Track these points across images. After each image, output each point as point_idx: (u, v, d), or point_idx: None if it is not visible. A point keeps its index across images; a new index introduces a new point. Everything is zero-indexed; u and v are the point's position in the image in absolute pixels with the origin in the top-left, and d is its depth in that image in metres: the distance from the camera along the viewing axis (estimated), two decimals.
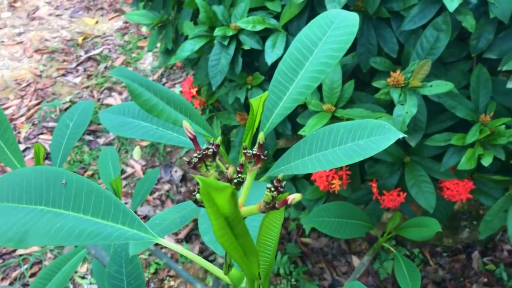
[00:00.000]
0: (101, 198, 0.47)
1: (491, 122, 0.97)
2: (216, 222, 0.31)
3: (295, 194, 0.33)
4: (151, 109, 0.59)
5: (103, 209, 0.47)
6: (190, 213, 0.68)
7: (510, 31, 0.97)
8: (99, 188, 0.48)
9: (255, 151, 0.37)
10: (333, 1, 0.95)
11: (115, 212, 0.47)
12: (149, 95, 0.59)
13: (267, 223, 0.37)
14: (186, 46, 1.16)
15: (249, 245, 0.34)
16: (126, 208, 0.47)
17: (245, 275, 0.39)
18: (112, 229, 0.46)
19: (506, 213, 1.04)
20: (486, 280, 1.80)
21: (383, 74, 1.04)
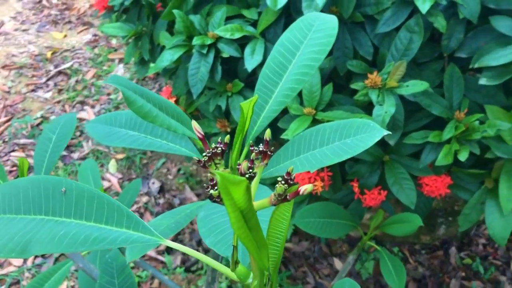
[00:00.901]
0: (104, 204, 0.48)
1: (465, 119, 1.01)
2: (233, 215, 0.32)
3: (307, 185, 0.34)
4: (146, 115, 0.60)
5: (106, 215, 0.47)
6: (184, 218, 0.69)
7: (478, 30, 1.02)
8: (100, 194, 0.48)
9: (262, 148, 0.38)
10: (310, 7, 0.97)
11: (118, 217, 0.47)
12: (143, 102, 0.60)
13: (277, 216, 0.38)
14: (165, 56, 1.17)
15: (261, 238, 0.36)
16: (130, 212, 0.47)
17: (257, 267, 0.40)
18: (117, 233, 0.46)
19: (483, 205, 1.08)
20: (464, 274, 1.85)
21: (360, 77, 1.07)
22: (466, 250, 1.93)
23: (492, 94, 1.06)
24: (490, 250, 1.93)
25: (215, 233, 0.52)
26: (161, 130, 0.76)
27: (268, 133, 0.39)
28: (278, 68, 0.73)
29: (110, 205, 0.48)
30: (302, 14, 1.04)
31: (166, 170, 2.21)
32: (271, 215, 0.38)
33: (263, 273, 0.40)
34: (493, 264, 1.88)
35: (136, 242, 0.46)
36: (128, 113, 0.78)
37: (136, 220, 0.47)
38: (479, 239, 1.96)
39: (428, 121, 1.08)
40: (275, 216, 0.38)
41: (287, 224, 0.38)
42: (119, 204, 0.48)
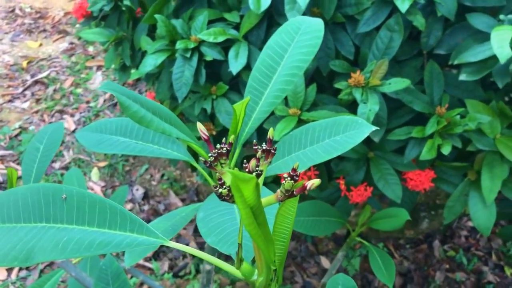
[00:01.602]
0: (106, 209, 0.48)
1: (446, 113, 1.04)
2: (244, 211, 0.33)
3: (314, 180, 0.35)
4: (141, 120, 0.60)
5: (109, 219, 0.48)
6: (180, 221, 0.69)
7: (456, 27, 1.05)
8: (102, 199, 0.48)
9: (265, 146, 0.39)
10: (292, 10, 0.99)
11: (121, 221, 0.47)
12: (137, 107, 0.61)
13: (283, 212, 0.39)
14: (148, 61, 1.17)
15: (268, 233, 0.37)
16: (133, 215, 0.48)
17: (265, 263, 0.41)
18: (122, 237, 0.47)
19: (467, 197, 1.11)
20: (448, 266, 1.89)
21: (343, 76, 1.10)
22: (449, 242, 1.97)
23: (471, 89, 1.10)
24: (472, 241, 1.98)
25: (215, 232, 0.53)
26: (152, 135, 0.76)
27: (271, 132, 0.40)
28: (267, 70, 0.74)
29: (113, 210, 0.48)
30: (285, 16, 1.05)
31: (150, 176, 2.21)
32: (277, 211, 0.39)
33: (270, 268, 0.41)
34: (476, 255, 1.93)
35: (142, 245, 0.46)
36: (118, 120, 0.78)
37: (140, 223, 0.47)
38: (461, 231, 2.00)
39: (410, 117, 1.11)
40: (281, 212, 0.39)
41: (293, 219, 0.40)
42: (122, 208, 0.48)
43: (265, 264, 0.41)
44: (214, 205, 0.60)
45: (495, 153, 1.05)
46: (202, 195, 2.13)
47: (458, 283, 1.84)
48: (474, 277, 1.86)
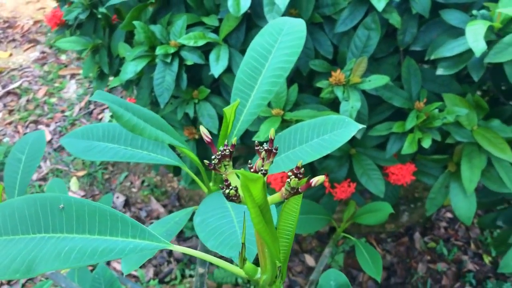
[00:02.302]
0: (106, 216, 0.48)
1: (425, 108, 1.06)
2: (253, 210, 0.34)
3: (319, 176, 0.36)
4: (134, 128, 0.60)
5: (110, 226, 0.48)
6: (175, 226, 0.70)
7: (430, 24, 1.08)
8: (101, 206, 0.48)
9: (267, 146, 0.40)
10: (272, 11, 1.00)
11: (123, 227, 0.48)
12: (129, 116, 0.61)
13: (287, 210, 0.40)
14: (129, 68, 1.17)
15: (273, 231, 0.38)
16: (134, 221, 0.48)
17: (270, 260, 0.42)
18: (124, 243, 0.47)
19: (448, 188, 1.14)
20: (429, 257, 1.94)
21: (323, 75, 1.11)
22: (429, 234, 2.01)
23: (447, 83, 1.13)
24: (451, 232, 2.02)
25: (215, 235, 0.54)
26: (141, 140, 0.76)
27: (273, 132, 0.41)
28: (252, 72, 0.75)
29: (113, 216, 0.48)
30: (264, 18, 1.07)
31: (130, 183, 2.19)
32: (281, 208, 0.40)
33: (275, 265, 0.42)
34: (455, 245, 1.97)
35: (145, 250, 0.46)
36: (105, 125, 0.78)
37: (142, 228, 0.48)
38: (441, 222, 2.05)
39: (390, 113, 1.14)
40: (285, 210, 0.40)
41: (297, 216, 0.41)
42: (122, 214, 0.49)
43: (270, 262, 0.42)
44: (209, 209, 0.60)
45: (473, 144, 1.08)
46: (184, 200, 2.13)
47: (440, 273, 1.88)
48: (454, 267, 1.91)
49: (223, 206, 0.60)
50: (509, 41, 0.90)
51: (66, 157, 2.29)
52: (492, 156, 1.08)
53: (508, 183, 1.08)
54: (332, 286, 0.72)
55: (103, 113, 2.44)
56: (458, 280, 1.86)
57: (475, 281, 1.85)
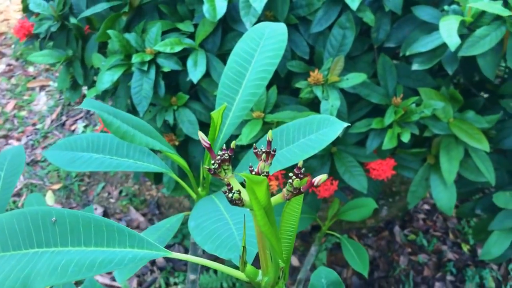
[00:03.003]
0: (102, 227, 0.48)
1: (402, 103, 1.09)
2: (259, 212, 0.34)
3: (321, 175, 0.37)
4: (124, 135, 0.60)
5: (107, 237, 0.47)
6: (166, 233, 0.69)
7: (402, 20, 1.10)
8: (96, 217, 0.48)
9: (265, 148, 0.41)
10: (248, 14, 1.01)
11: (120, 237, 0.47)
12: (119, 123, 0.60)
13: (289, 210, 0.41)
14: (105, 78, 1.16)
15: (277, 232, 0.38)
16: (131, 231, 0.47)
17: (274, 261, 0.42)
18: (123, 253, 0.47)
19: (428, 181, 1.17)
20: (410, 249, 1.97)
21: (301, 76, 1.12)
22: (408, 227, 2.05)
23: (422, 78, 1.15)
24: (430, 223, 2.07)
25: (212, 239, 0.54)
26: (126, 149, 0.76)
27: (270, 134, 0.41)
28: (236, 77, 0.76)
29: (109, 227, 0.48)
30: (240, 22, 1.07)
31: (107, 194, 2.16)
32: (283, 209, 0.41)
33: (278, 266, 0.43)
34: (434, 236, 2.02)
35: (145, 258, 0.46)
36: (88, 136, 0.77)
37: (139, 237, 0.47)
38: (419, 214, 2.09)
39: (368, 110, 1.15)
40: (287, 210, 0.41)
41: (298, 216, 0.41)
42: (118, 224, 0.48)
43: (273, 263, 0.42)
44: (203, 213, 0.60)
45: (450, 136, 1.11)
46: (164, 207, 2.11)
47: (421, 264, 1.92)
48: (435, 257, 1.95)
49: (217, 210, 0.60)
50: (480, 34, 0.92)
51: (40, 170, 2.24)
52: (469, 146, 1.11)
53: (485, 172, 1.11)
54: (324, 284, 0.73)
55: (76, 124, 2.40)
56: (439, 270, 1.90)
57: (455, 270, 1.89)
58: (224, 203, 0.63)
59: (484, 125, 1.11)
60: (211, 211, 0.60)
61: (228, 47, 1.15)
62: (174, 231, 0.70)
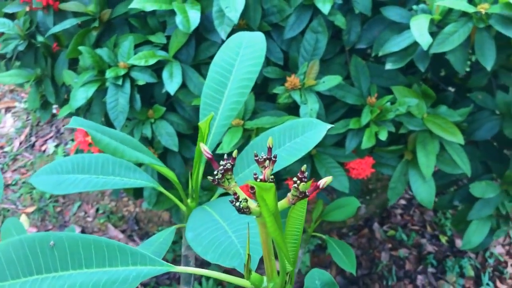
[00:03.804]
0: (102, 247, 0.47)
1: (377, 102, 1.11)
2: (269, 219, 0.35)
3: (326, 178, 0.38)
4: (115, 151, 0.60)
5: (108, 257, 0.47)
6: (161, 247, 0.69)
7: (372, 21, 1.13)
8: (96, 238, 0.47)
9: (265, 156, 0.41)
10: (222, 24, 1.01)
11: (122, 255, 0.47)
12: (108, 139, 0.60)
13: (294, 215, 0.41)
14: (79, 94, 1.14)
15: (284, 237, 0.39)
16: (132, 248, 0.47)
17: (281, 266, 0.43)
18: (126, 272, 0.46)
19: (406, 176, 1.20)
20: (391, 245, 2.01)
21: (276, 81, 1.14)
22: (387, 223, 2.09)
23: (393, 77, 1.18)
24: (407, 218, 2.11)
25: (213, 248, 0.54)
26: (111, 167, 0.75)
27: (271, 140, 0.42)
28: (218, 86, 0.76)
29: (110, 246, 0.47)
30: (214, 31, 1.08)
31: (84, 213, 2.12)
32: (288, 214, 0.41)
33: (285, 271, 0.43)
34: (413, 230, 2.06)
35: (149, 275, 0.46)
36: (73, 158, 0.76)
37: (141, 254, 0.47)
38: (396, 210, 2.13)
39: (344, 111, 1.17)
40: (292, 215, 0.41)
41: (303, 220, 0.42)
42: (118, 243, 0.48)
43: (281, 268, 0.43)
44: (199, 223, 0.60)
45: (425, 131, 1.14)
46: (143, 222, 2.09)
47: (402, 259, 1.95)
48: (415, 251, 1.99)
49: (213, 219, 0.60)
50: (449, 31, 0.95)
51: (12, 194, 2.19)
52: (444, 140, 1.14)
53: (461, 164, 1.15)
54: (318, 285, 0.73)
55: (46, 144, 2.35)
56: (420, 263, 1.94)
57: (436, 262, 1.93)
58: (218, 212, 0.63)
59: (456, 119, 1.14)
60: (207, 221, 0.60)
61: (202, 57, 1.16)
62: (168, 244, 0.69)
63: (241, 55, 0.77)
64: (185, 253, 0.84)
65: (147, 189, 1.31)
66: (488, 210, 1.23)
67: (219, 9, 1.02)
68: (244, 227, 0.56)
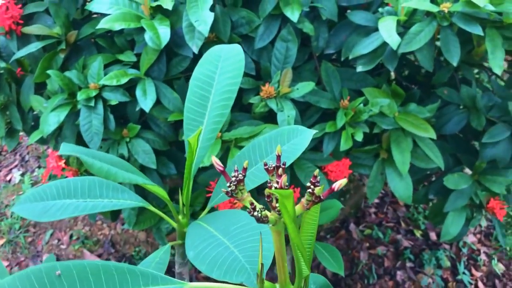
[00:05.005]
0: (112, 271, 0.46)
1: (350, 105, 1.13)
2: (291, 226, 0.35)
3: (341, 180, 0.38)
4: (107, 174, 0.59)
5: (119, 281, 0.46)
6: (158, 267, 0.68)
7: (338, 26, 1.15)
8: (104, 263, 0.47)
9: (275, 164, 0.42)
10: (193, 38, 1.02)
11: (132, 278, 0.46)
12: (100, 163, 0.59)
13: (308, 220, 0.42)
14: (50, 119, 1.12)
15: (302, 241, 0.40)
16: (142, 269, 0.46)
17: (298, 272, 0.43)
18: None
19: (383, 175, 1.22)
20: (368, 244, 2.04)
21: (250, 91, 1.14)
22: (363, 222, 2.12)
23: (363, 79, 1.21)
24: (382, 215, 2.15)
25: (217, 265, 0.53)
26: (99, 189, 0.74)
27: (279, 148, 0.43)
28: (200, 100, 0.76)
29: (119, 269, 0.47)
30: (184, 46, 1.08)
31: (57, 241, 2.06)
32: (302, 219, 0.42)
33: (301, 276, 0.44)
34: (388, 227, 2.10)
35: None
36: (57, 183, 0.74)
37: (153, 274, 0.47)
38: (370, 209, 2.17)
39: (318, 116, 1.19)
40: (306, 220, 0.42)
41: (316, 225, 0.42)
42: (127, 265, 0.47)
43: (298, 274, 0.43)
44: (198, 241, 0.60)
45: (398, 129, 1.17)
46: (119, 245, 2.05)
47: (381, 256, 1.99)
48: (392, 247, 2.03)
49: (212, 235, 0.60)
50: (415, 30, 0.99)
51: None
52: (416, 136, 1.17)
53: (434, 158, 1.18)
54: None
55: (11, 173, 2.27)
56: (398, 259, 1.98)
57: (413, 256, 1.98)
58: (215, 227, 0.63)
59: (426, 115, 1.18)
60: (207, 237, 0.59)
61: (174, 72, 1.15)
62: (165, 263, 0.68)
63: (220, 68, 0.78)
64: (179, 271, 0.83)
65: (126, 210, 1.29)
66: (462, 201, 1.27)
67: (189, 24, 1.02)
68: (245, 241, 0.57)
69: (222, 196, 0.75)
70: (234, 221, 0.61)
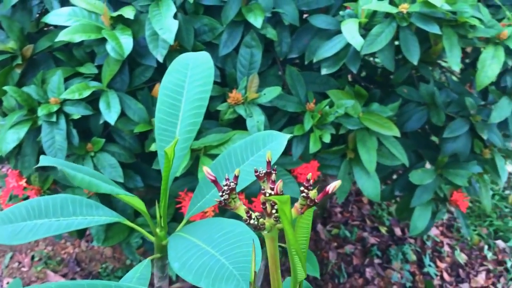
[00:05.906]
0: None
1: (316, 107, 1.15)
2: (290, 231, 0.35)
3: (335, 182, 0.39)
4: (90, 185, 0.57)
5: None
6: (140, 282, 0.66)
7: (300, 31, 1.17)
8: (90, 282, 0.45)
9: (265, 170, 0.41)
10: (157, 47, 1.00)
11: None
12: (82, 175, 0.57)
13: (301, 224, 0.42)
14: (9, 137, 1.07)
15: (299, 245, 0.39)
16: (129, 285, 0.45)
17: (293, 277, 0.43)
18: None
19: (351, 174, 1.24)
20: (336, 243, 2.07)
21: (217, 99, 1.14)
22: (329, 222, 2.15)
23: (326, 81, 1.23)
24: (347, 214, 2.18)
25: (204, 274, 0.53)
26: (72, 207, 0.71)
27: (269, 154, 0.42)
28: (171, 110, 0.75)
29: None
30: (147, 56, 1.07)
31: (18, 264, 1.98)
32: (296, 224, 0.42)
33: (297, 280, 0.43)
34: (354, 225, 2.13)
35: None
36: (27, 203, 0.71)
37: None
38: (335, 209, 2.20)
39: (286, 120, 1.20)
40: (300, 224, 0.42)
41: (310, 228, 0.42)
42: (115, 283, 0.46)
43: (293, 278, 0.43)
44: (182, 252, 0.59)
45: (363, 129, 1.19)
46: (84, 262, 1.99)
47: (349, 255, 2.02)
48: (360, 245, 2.06)
49: (196, 245, 0.59)
50: (376, 32, 1.01)
51: None
52: (381, 135, 1.20)
53: (399, 155, 1.21)
54: None
55: None
56: (366, 256, 2.01)
57: (380, 253, 2.02)
58: (197, 237, 0.62)
59: (389, 114, 1.21)
60: (190, 247, 0.59)
61: (137, 82, 1.13)
62: (147, 279, 0.67)
63: (190, 76, 0.77)
64: (159, 285, 0.82)
65: (94, 226, 1.25)
66: (427, 195, 1.30)
67: (153, 32, 1.01)
68: (231, 248, 0.56)
69: (200, 206, 0.74)
70: (217, 229, 0.61)
